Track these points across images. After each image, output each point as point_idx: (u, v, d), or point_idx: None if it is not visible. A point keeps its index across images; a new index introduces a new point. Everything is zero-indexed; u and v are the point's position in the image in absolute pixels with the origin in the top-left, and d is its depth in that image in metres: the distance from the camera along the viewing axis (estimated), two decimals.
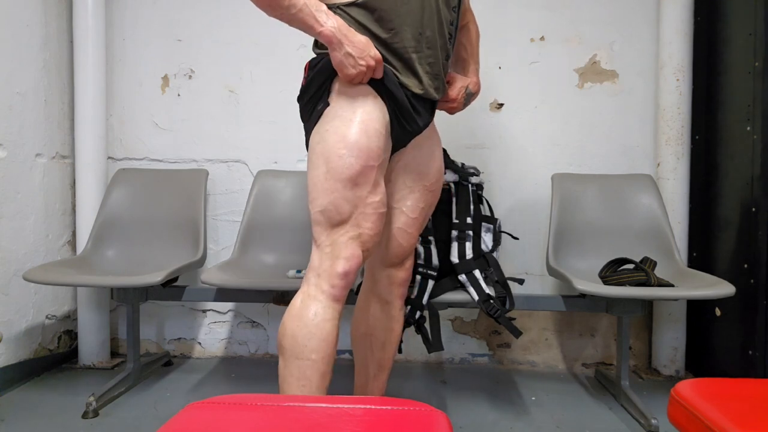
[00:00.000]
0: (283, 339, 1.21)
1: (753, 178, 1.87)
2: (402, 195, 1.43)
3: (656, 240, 2.07)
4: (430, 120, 1.41)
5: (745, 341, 1.89)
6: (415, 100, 1.32)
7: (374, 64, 1.23)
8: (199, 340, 2.44)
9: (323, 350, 1.19)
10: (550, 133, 2.34)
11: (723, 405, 0.87)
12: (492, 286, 1.73)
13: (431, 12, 1.28)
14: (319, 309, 1.21)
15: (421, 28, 1.27)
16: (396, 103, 1.29)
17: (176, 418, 0.80)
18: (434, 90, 1.35)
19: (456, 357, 2.38)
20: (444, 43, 1.34)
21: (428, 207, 1.48)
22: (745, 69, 1.93)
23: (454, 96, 1.47)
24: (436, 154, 1.47)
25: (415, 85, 1.30)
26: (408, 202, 1.43)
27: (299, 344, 1.19)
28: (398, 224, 1.44)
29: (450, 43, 1.37)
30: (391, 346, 1.55)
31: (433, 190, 1.47)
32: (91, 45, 2.23)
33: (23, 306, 2.09)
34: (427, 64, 1.31)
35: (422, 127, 1.37)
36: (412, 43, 1.27)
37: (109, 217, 2.21)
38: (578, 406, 1.94)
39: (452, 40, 1.38)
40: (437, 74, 1.34)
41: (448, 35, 1.35)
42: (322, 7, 1.20)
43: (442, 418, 0.80)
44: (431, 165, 1.45)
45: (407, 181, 1.42)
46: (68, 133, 2.33)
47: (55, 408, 1.86)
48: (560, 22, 2.32)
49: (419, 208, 1.45)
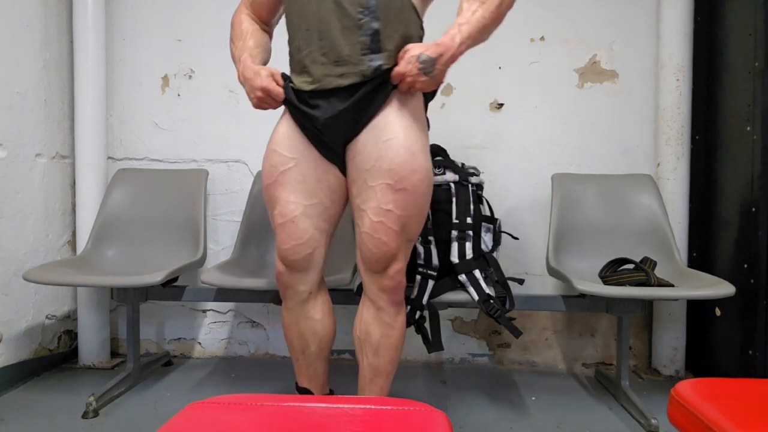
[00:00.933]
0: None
1: (753, 178, 1.87)
2: (366, 196, 1.36)
3: (656, 240, 2.07)
4: (346, 107, 1.33)
5: (745, 341, 1.89)
6: (310, 96, 1.35)
7: (261, 94, 1.37)
8: (199, 340, 2.44)
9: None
10: (550, 133, 2.34)
11: (723, 405, 0.87)
12: (492, 286, 1.72)
13: (317, 4, 1.33)
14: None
15: (307, 24, 1.34)
16: (293, 108, 1.39)
17: (176, 418, 0.80)
18: (338, 77, 1.32)
19: (456, 357, 2.38)
20: (353, 24, 1.30)
21: (401, 209, 1.34)
22: (745, 69, 1.93)
23: (401, 70, 1.30)
24: (395, 147, 1.32)
25: (305, 82, 1.36)
26: (371, 203, 1.34)
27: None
28: (364, 228, 1.37)
29: (368, 18, 1.30)
30: (386, 353, 1.45)
31: (403, 189, 1.32)
32: (91, 45, 2.23)
33: (23, 306, 2.09)
34: (322, 55, 1.33)
35: (332, 115, 1.33)
36: (302, 43, 1.36)
37: (109, 217, 2.21)
38: (578, 406, 1.93)
39: (373, 15, 1.30)
40: (340, 59, 1.31)
41: (358, 13, 1.30)
42: (242, 55, 1.44)
43: (442, 418, 0.80)
44: (391, 159, 1.32)
45: (368, 180, 1.34)
46: (68, 133, 2.33)
47: (55, 408, 1.86)
48: (560, 22, 2.32)
49: (384, 211, 1.33)
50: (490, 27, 1.38)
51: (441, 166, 1.82)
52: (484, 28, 1.35)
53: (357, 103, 1.32)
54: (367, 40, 1.30)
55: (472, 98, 2.35)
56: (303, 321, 1.50)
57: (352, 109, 1.33)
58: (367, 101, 1.33)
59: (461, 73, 2.34)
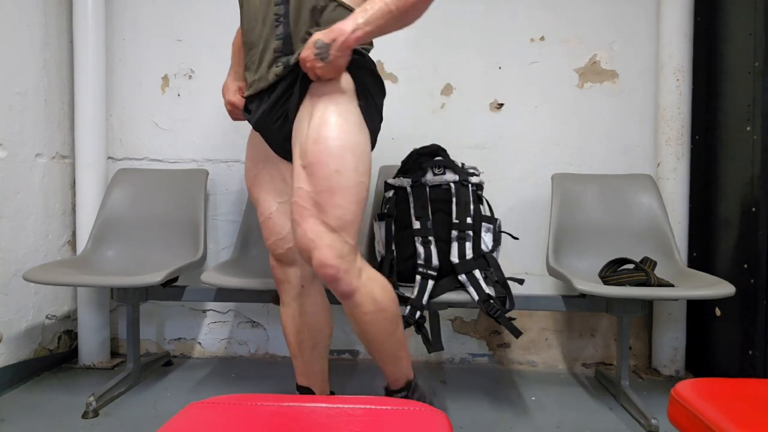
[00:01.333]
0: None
1: (753, 178, 1.87)
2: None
3: (656, 240, 2.07)
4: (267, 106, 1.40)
5: (745, 341, 1.89)
6: (248, 102, 1.47)
7: (229, 107, 1.62)
8: (199, 340, 2.44)
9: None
10: (550, 133, 2.34)
11: (723, 405, 0.87)
12: (492, 286, 1.72)
13: (252, 18, 1.42)
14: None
15: (248, 36, 1.44)
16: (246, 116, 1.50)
17: (176, 418, 0.80)
18: (260, 80, 1.41)
19: (456, 357, 2.38)
20: (271, 30, 1.38)
21: (309, 184, 1.31)
22: (745, 69, 1.93)
23: (302, 56, 1.31)
24: (304, 128, 1.34)
25: (248, 90, 1.46)
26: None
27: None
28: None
29: (282, 24, 1.36)
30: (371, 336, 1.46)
31: (308, 164, 1.31)
32: (91, 45, 2.23)
33: (23, 306, 2.09)
34: (252, 62, 1.43)
35: (259, 116, 1.43)
36: (248, 57, 1.45)
37: (109, 217, 2.21)
38: (578, 406, 1.93)
39: (285, 20, 1.36)
40: (265, 61, 1.39)
41: (274, 19, 1.37)
42: (229, 73, 1.66)
43: (442, 418, 0.80)
44: (300, 140, 1.34)
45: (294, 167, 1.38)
46: (68, 133, 2.33)
47: (55, 408, 1.86)
48: (560, 22, 2.32)
49: (296, 189, 1.32)
50: (397, 15, 1.31)
51: (441, 166, 1.82)
52: (388, 16, 1.30)
53: (277, 100, 1.40)
54: (280, 44, 1.37)
55: (472, 98, 2.35)
56: (298, 315, 1.53)
57: (273, 107, 1.40)
58: (286, 97, 1.40)
59: (461, 73, 2.35)
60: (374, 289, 1.37)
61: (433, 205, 1.79)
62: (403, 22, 1.35)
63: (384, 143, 2.33)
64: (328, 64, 1.30)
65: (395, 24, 1.33)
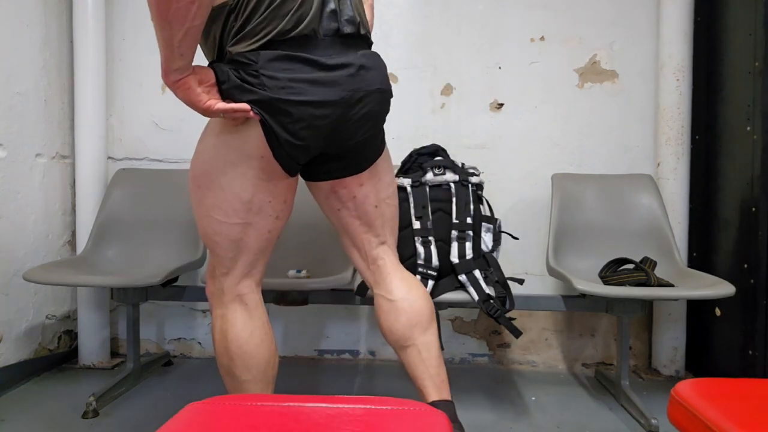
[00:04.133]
0: None
1: (753, 178, 1.87)
2: None
3: (656, 240, 2.07)
4: None
5: (745, 341, 1.89)
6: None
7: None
8: (199, 340, 2.44)
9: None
10: (550, 133, 2.34)
11: (723, 405, 0.87)
12: (492, 286, 1.72)
13: None
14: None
15: None
16: None
17: (176, 418, 0.80)
18: None
19: (456, 357, 2.38)
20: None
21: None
22: (745, 69, 1.93)
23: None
24: None
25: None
26: None
27: None
28: None
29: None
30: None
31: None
32: (91, 45, 2.23)
33: (23, 306, 2.09)
34: None
35: None
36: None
37: (109, 217, 2.21)
38: (578, 406, 1.93)
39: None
40: None
41: None
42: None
43: (442, 418, 0.80)
44: None
45: None
46: (68, 133, 2.33)
47: (55, 408, 1.86)
48: (560, 22, 2.32)
49: None
50: (158, 25, 1.07)
51: (441, 166, 1.82)
52: (158, 30, 1.09)
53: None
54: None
55: (472, 98, 2.34)
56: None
57: None
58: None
59: (461, 73, 2.35)
60: (219, 326, 1.31)
61: (433, 205, 1.79)
62: (159, 29, 1.08)
63: None
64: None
65: (165, 32, 1.07)
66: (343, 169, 1.32)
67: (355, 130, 1.25)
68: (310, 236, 2.16)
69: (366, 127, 1.26)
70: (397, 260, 1.45)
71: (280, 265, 2.13)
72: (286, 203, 1.30)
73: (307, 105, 1.17)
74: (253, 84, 1.16)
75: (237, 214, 1.24)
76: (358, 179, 1.34)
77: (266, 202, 1.25)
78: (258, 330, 1.30)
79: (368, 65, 1.24)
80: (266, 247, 1.32)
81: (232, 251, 1.28)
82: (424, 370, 1.36)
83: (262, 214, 1.26)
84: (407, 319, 1.36)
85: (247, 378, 1.30)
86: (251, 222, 1.25)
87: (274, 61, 1.16)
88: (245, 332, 1.29)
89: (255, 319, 1.31)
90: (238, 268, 1.30)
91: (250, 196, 1.23)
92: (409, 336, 1.36)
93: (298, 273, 2.01)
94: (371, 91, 1.23)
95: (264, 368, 1.31)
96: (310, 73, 1.17)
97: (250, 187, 1.22)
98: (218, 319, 1.32)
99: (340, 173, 1.33)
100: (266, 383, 1.32)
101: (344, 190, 1.35)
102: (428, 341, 1.37)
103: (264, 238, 1.29)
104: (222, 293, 1.32)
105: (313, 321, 2.41)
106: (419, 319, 1.37)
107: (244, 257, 1.29)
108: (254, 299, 1.34)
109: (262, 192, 1.23)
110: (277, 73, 1.15)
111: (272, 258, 2.17)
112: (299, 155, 1.22)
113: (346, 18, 1.23)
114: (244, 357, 1.28)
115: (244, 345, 1.28)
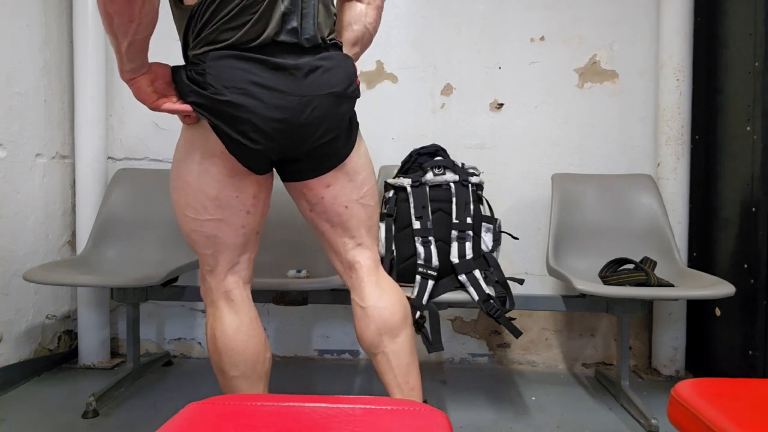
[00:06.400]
0: None
1: (753, 178, 1.87)
2: None
3: (656, 240, 2.07)
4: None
5: (745, 341, 1.89)
6: None
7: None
8: (199, 340, 2.44)
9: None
10: (550, 133, 2.34)
11: (723, 405, 0.87)
12: (492, 286, 1.72)
13: None
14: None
15: None
16: None
17: (176, 418, 0.80)
18: None
19: (456, 357, 2.38)
20: None
21: None
22: (745, 69, 1.93)
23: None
24: None
25: None
26: None
27: None
28: None
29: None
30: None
31: None
32: (91, 45, 2.23)
33: (23, 306, 2.09)
34: None
35: None
36: None
37: (109, 217, 2.21)
38: (578, 406, 1.93)
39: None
40: None
41: None
42: None
43: (442, 418, 0.80)
44: None
45: None
46: (68, 133, 2.33)
47: (55, 408, 1.86)
48: (560, 22, 2.32)
49: None
50: (112, 24, 1.12)
51: (441, 166, 1.82)
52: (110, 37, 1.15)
53: None
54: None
55: (472, 98, 2.35)
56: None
57: None
58: None
59: (461, 73, 2.35)
60: (210, 323, 1.34)
61: (433, 205, 1.79)
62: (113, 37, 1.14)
63: (384, 143, 2.33)
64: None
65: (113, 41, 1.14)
66: (306, 171, 1.31)
67: (310, 134, 1.23)
68: (309, 236, 2.16)
69: (320, 131, 1.24)
70: (376, 263, 1.43)
71: (280, 265, 2.13)
72: (256, 198, 1.29)
73: (251, 109, 1.16)
74: (198, 84, 1.17)
75: (207, 210, 1.26)
76: (323, 180, 1.32)
77: (233, 197, 1.26)
78: (245, 326, 1.32)
79: (326, 66, 1.22)
80: (244, 243, 1.32)
81: (210, 248, 1.30)
82: (392, 378, 1.38)
83: (231, 209, 1.27)
84: (376, 327, 1.37)
85: (235, 374, 1.31)
86: (222, 218, 1.27)
87: (220, 60, 1.17)
88: (231, 328, 1.30)
89: (242, 315, 1.32)
90: (220, 265, 1.31)
91: (216, 192, 1.24)
92: (378, 344, 1.37)
93: (298, 273, 2.01)
94: (321, 95, 1.21)
95: (252, 364, 1.32)
96: (257, 74, 1.17)
97: (215, 183, 1.24)
98: (209, 317, 1.35)
99: (303, 175, 1.31)
100: (256, 379, 1.33)
101: (311, 192, 1.33)
102: (398, 349, 1.38)
103: (239, 234, 1.30)
104: (210, 291, 1.34)
105: (313, 321, 2.41)
106: (388, 327, 1.37)
107: (224, 254, 1.30)
108: (241, 296, 1.34)
109: (227, 188, 1.25)
110: (222, 73, 1.16)
111: (272, 258, 2.17)
112: (256, 155, 1.22)
113: (306, 37, 1.21)
114: (230, 353, 1.30)
115: (230, 342, 1.30)
